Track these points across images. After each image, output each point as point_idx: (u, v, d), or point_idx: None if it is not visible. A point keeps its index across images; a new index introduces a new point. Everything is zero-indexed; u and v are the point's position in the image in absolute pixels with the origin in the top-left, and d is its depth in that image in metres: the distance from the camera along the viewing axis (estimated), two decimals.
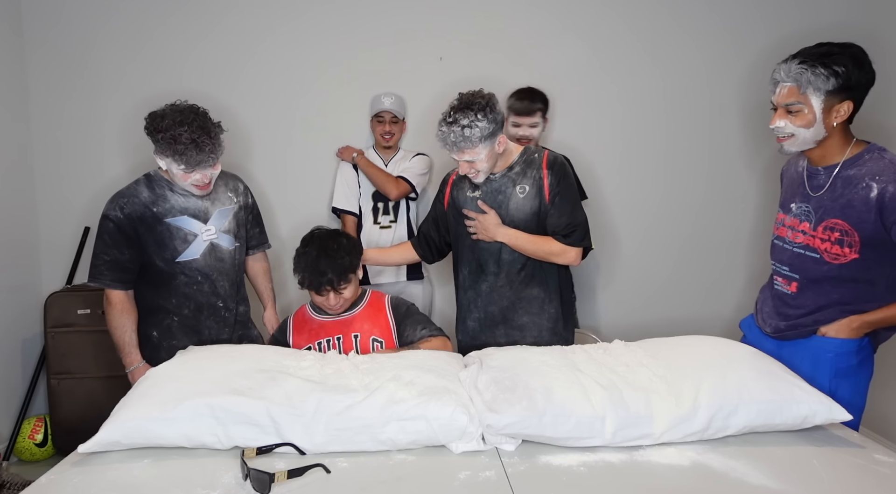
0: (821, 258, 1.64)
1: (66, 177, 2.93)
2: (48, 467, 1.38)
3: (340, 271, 1.88)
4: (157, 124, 1.79)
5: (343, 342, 1.93)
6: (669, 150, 3.06)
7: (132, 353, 1.91)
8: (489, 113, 1.85)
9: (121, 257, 1.87)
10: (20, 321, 2.84)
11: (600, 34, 2.99)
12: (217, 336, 2.01)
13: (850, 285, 1.62)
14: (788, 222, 1.75)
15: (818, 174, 1.67)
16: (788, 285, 1.74)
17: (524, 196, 1.96)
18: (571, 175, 2.01)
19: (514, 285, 2.00)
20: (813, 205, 1.66)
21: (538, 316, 2.01)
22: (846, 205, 1.58)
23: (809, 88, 1.55)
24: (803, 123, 1.59)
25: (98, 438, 1.37)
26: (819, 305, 1.67)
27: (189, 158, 1.78)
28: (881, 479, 1.30)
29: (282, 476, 1.26)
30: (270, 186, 2.98)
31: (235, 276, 2.05)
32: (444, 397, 1.44)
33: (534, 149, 2.03)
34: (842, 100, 1.56)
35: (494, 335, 2.03)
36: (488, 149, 1.88)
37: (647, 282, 3.13)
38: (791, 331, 1.73)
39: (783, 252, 1.76)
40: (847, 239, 1.58)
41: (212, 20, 2.90)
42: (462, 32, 2.97)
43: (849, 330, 1.64)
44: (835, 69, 1.52)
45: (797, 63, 1.57)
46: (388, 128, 2.80)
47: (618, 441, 1.41)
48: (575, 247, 1.95)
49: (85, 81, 2.89)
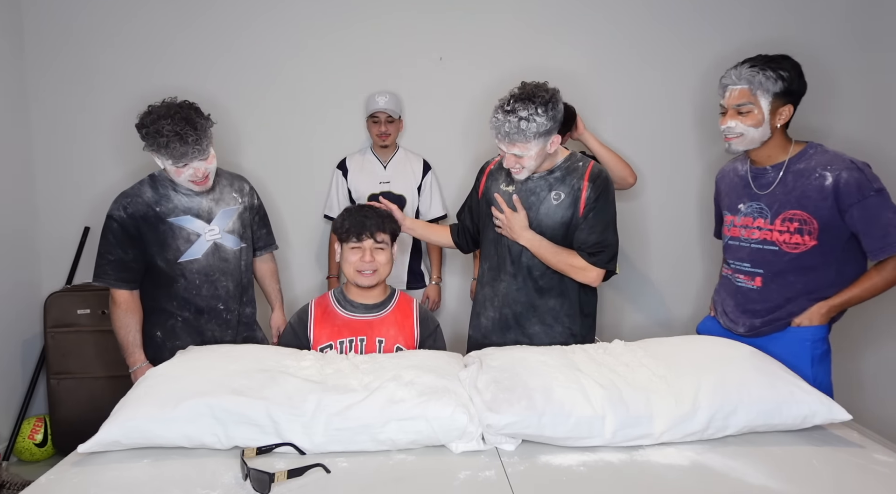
0: (780, 250, 1.78)
1: (66, 177, 2.93)
2: (48, 467, 1.38)
3: (381, 219, 1.90)
4: (143, 120, 1.80)
5: (366, 344, 1.88)
6: (670, 149, 3.06)
7: (136, 353, 1.91)
8: (550, 109, 1.75)
9: (125, 256, 1.88)
10: (20, 321, 2.84)
11: (601, 34, 2.99)
12: (220, 338, 2.01)
13: (811, 272, 1.76)
14: (740, 222, 1.88)
15: (766, 173, 1.82)
16: (752, 281, 1.85)
17: (558, 203, 1.87)
18: (612, 192, 1.90)
19: (529, 292, 1.94)
20: (765, 201, 1.81)
21: (550, 328, 1.94)
22: (801, 195, 1.73)
23: (760, 90, 1.73)
24: (753, 123, 1.75)
25: (98, 438, 1.37)
26: (786, 297, 1.79)
27: (173, 151, 1.77)
28: (881, 479, 1.30)
29: (282, 475, 1.26)
30: (275, 187, 2.98)
31: (241, 277, 2.05)
32: (444, 397, 1.44)
33: (580, 157, 1.93)
34: (784, 103, 1.75)
35: (505, 338, 1.97)
36: (540, 147, 1.79)
37: (646, 282, 3.13)
38: (767, 326, 1.83)
39: (740, 250, 1.88)
40: (806, 227, 1.73)
41: (212, 20, 2.90)
42: (462, 32, 2.97)
43: (819, 316, 1.76)
44: (781, 74, 1.72)
45: (748, 67, 1.74)
46: (385, 128, 2.74)
47: (617, 441, 1.41)
48: (598, 268, 1.86)
49: (85, 82, 2.89)
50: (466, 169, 2.98)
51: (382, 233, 1.89)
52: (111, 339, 1.94)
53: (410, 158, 2.89)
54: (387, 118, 2.73)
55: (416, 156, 2.90)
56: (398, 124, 2.82)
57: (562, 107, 1.82)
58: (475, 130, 2.99)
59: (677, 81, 3.01)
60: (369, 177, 2.81)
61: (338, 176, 2.84)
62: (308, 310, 1.96)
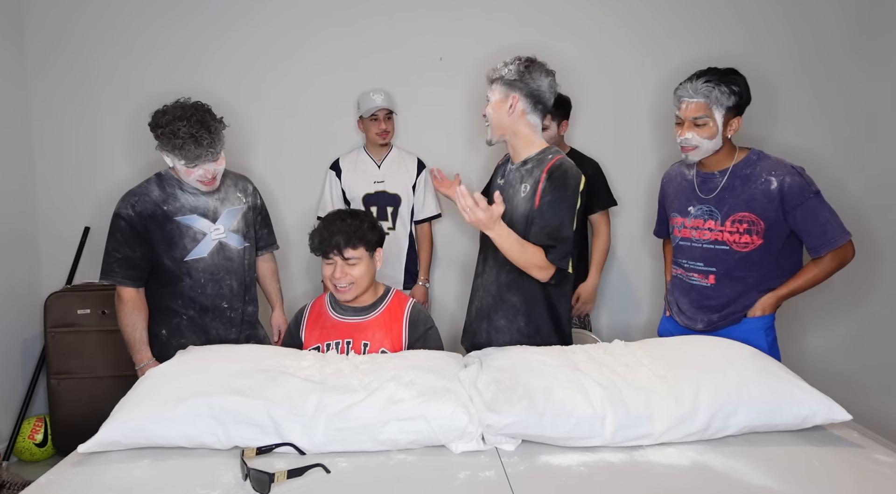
0: (730, 249, 1.91)
1: (67, 177, 2.94)
2: (48, 467, 1.38)
3: (350, 234, 1.81)
4: (157, 120, 1.82)
5: (352, 347, 1.87)
6: (670, 147, 3.06)
7: (142, 350, 1.92)
8: (522, 67, 1.83)
9: (132, 254, 1.89)
10: (20, 321, 2.84)
11: (600, 34, 2.99)
12: (225, 337, 2.02)
13: (757, 267, 1.91)
14: (690, 224, 2.00)
15: (713, 178, 1.94)
16: (706, 279, 1.97)
17: (524, 196, 1.85)
18: (572, 187, 1.80)
19: (498, 285, 1.92)
20: (714, 204, 1.93)
21: (511, 323, 1.90)
22: (749, 199, 1.87)
23: (715, 105, 1.84)
24: (708, 135, 1.86)
25: (98, 438, 1.37)
26: (738, 290, 1.93)
27: (188, 153, 1.80)
28: (881, 479, 1.30)
29: (281, 476, 1.26)
30: (277, 188, 2.98)
31: (245, 276, 2.06)
32: (444, 397, 1.44)
33: (553, 150, 1.88)
34: (735, 115, 1.88)
35: (481, 327, 1.97)
36: (500, 96, 1.85)
37: (646, 282, 3.13)
38: (723, 321, 1.96)
39: (693, 250, 2.00)
40: (754, 228, 1.87)
41: (212, 20, 2.90)
42: (462, 32, 2.97)
43: (770, 307, 1.93)
44: (733, 89, 1.84)
45: (703, 82, 1.84)
46: (385, 126, 2.73)
47: (618, 441, 1.41)
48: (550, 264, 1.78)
49: (86, 81, 2.89)
50: (464, 169, 2.97)
51: (352, 249, 1.82)
52: (112, 339, 1.94)
53: (404, 157, 2.88)
54: (386, 115, 2.72)
55: (409, 155, 2.89)
56: (394, 122, 2.81)
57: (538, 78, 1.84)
58: (474, 130, 2.99)
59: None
60: (363, 177, 2.79)
61: (331, 177, 2.83)
62: (304, 312, 1.98)
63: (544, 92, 1.85)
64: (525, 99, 1.84)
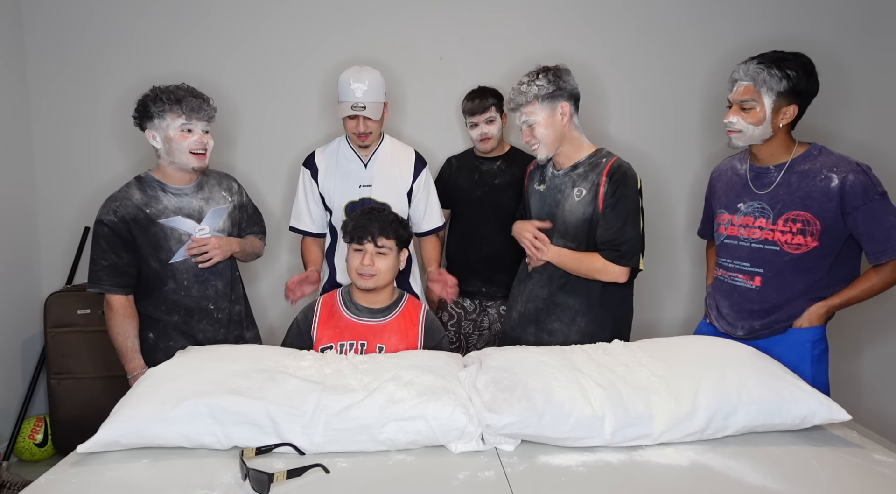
0: (781, 250, 1.77)
1: (66, 177, 2.93)
2: (48, 467, 1.38)
3: (388, 223, 1.86)
4: (151, 92, 1.87)
5: (367, 349, 1.86)
6: (671, 147, 3.05)
7: (135, 358, 1.88)
8: (552, 76, 1.87)
9: (118, 261, 1.85)
10: (20, 321, 2.84)
11: (601, 33, 2.99)
12: (213, 338, 1.99)
13: (808, 273, 1.76)
14: (739, 221, 1.86)
15: (767, 173, 1.81)
16: (751, 281, 1.83)
17: (580, 200, 1.90)
18: (632, 187, 1.87)
19: (551, 289, 1.96)
20: (767, 201, 1.79)
21: (568, 326, 1.95)
22: (806, 197, 1.72)
23: (763, 88, 1.72)
24: (753, 120, 1.75)
25: (97, 438, 1.37)
26: (785, 297, 1.79)
27: (188, 104, 1.84)
28: (880, 479, 1.30)
29: (281, 476, 1.26)
30: (267, 188, 2.97)
31: (230, 275, 2.04)
32: (444, 397, 1.44)
33: (605, 152, 1.94)
34: (789, 103, 1.73)
35: (527, 332, 2.02)
36: (547, 112, 1.88)
37: (646, 282, 3.12)
38: (766, 330, 1.82)
39: (740, 250, 1.86)
40: (809, 229, 1.72)
41: (213, 20, 2.90)
42: (462, 32, 2.97)
43: (818, 318, 1.77)
44: (787, 73, 1.69)
45: (755, 64, 1.73)
46: (363, 127, 2.09)
47: (617, 441, 1.42)
48: (619, 265, 1.86)
49: (85, 81, 2.89)
50: None
51: (386, 239, 1.86)
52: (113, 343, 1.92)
53: (398, 152, 2.28)
54: (365, 118, 2.09)
55: (405, 148, 2.32)
56: (380, 123, 2.17)
57: (570, 79, 1.90)
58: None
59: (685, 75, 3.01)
60: (346, 179, 2.20)
61: (305, 177, 2.25)
62: (314, 309, 1.95)
63: (578, 90, 1.94)
64: (571, 104, 1.91)
